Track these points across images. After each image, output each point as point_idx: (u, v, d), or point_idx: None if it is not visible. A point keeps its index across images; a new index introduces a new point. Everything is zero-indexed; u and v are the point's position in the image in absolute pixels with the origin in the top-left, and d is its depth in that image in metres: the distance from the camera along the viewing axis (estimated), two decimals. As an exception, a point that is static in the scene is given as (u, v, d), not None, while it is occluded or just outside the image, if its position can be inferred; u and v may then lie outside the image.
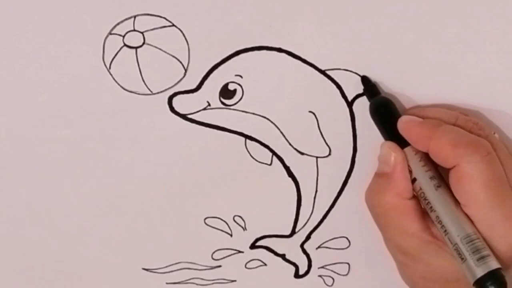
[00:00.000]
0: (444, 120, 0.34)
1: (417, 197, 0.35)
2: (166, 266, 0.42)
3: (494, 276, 0.31)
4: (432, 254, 0.34)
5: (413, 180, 0.34)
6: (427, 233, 0.34)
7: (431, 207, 0.33)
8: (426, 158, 0.34)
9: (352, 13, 0.34)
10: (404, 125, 0.34)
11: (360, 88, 0.36)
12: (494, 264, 0.31)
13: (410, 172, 0.34)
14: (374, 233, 0.41)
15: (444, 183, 0.34)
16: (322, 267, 0.43)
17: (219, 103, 0.36)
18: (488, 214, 0.32)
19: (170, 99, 0.36)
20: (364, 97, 0.36)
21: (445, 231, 0.33)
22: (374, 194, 0.35)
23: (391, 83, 0.36)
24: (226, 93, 0.36)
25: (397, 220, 0.34)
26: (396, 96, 0.37)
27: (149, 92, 0.35)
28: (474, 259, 0.31)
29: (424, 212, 0.35)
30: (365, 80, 0.36)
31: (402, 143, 0.35)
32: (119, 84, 0.35)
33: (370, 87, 0.36)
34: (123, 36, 0.33)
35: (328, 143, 0.38)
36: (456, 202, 0.33)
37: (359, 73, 0.36)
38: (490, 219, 0.32)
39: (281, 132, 0.37)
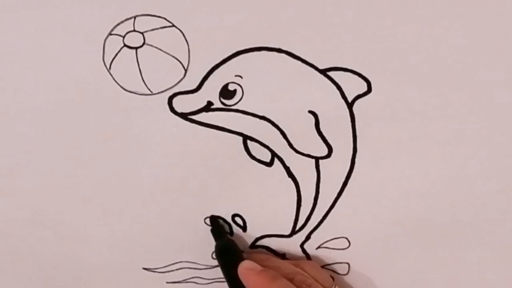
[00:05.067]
0: (283, 273, 0.36)
1: None
2: (166, 266, 0.42)
3: None
4: None
5: None
6: None
7: None
8: None
9: (352, 13, 0.34)
10: (244, 271, 0.36)
11: (360, 89, 0.36)
12: None
13: None
14: (374, 233, 0.41)
15: None
16: (322, 267, 0.43)
17: (219, 103, 0.36)
18: None
19: (170, 99, 0.36)
20: (364, 97, 0.36)
21: None
22: None
23: (390, 83, 0.36)
24: (226, 93, 0.36)
25: None
26: (395, 96, 0.37)
27: (149, 92, 0.35)
28: None
29: None
30: (213, 221, 0.38)
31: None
32: (119, 84, 0.35)
33: (217, 228, 0.38)
34: (123, 37, 0.34)
35: (328, 143, 0.38)
36: None
37: (359, 73, 0.36)
38: None
39: (281, 132, 0.37)
